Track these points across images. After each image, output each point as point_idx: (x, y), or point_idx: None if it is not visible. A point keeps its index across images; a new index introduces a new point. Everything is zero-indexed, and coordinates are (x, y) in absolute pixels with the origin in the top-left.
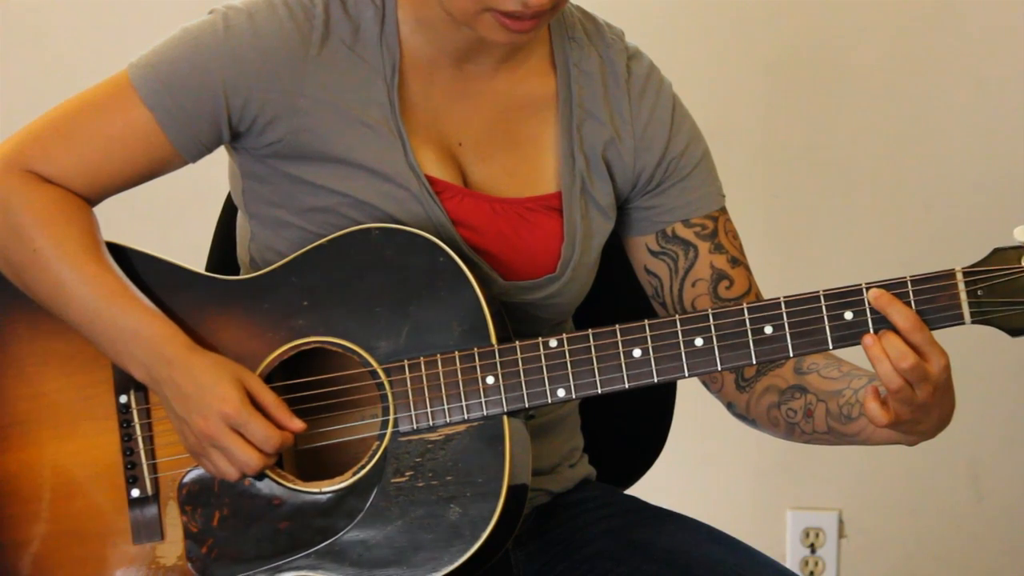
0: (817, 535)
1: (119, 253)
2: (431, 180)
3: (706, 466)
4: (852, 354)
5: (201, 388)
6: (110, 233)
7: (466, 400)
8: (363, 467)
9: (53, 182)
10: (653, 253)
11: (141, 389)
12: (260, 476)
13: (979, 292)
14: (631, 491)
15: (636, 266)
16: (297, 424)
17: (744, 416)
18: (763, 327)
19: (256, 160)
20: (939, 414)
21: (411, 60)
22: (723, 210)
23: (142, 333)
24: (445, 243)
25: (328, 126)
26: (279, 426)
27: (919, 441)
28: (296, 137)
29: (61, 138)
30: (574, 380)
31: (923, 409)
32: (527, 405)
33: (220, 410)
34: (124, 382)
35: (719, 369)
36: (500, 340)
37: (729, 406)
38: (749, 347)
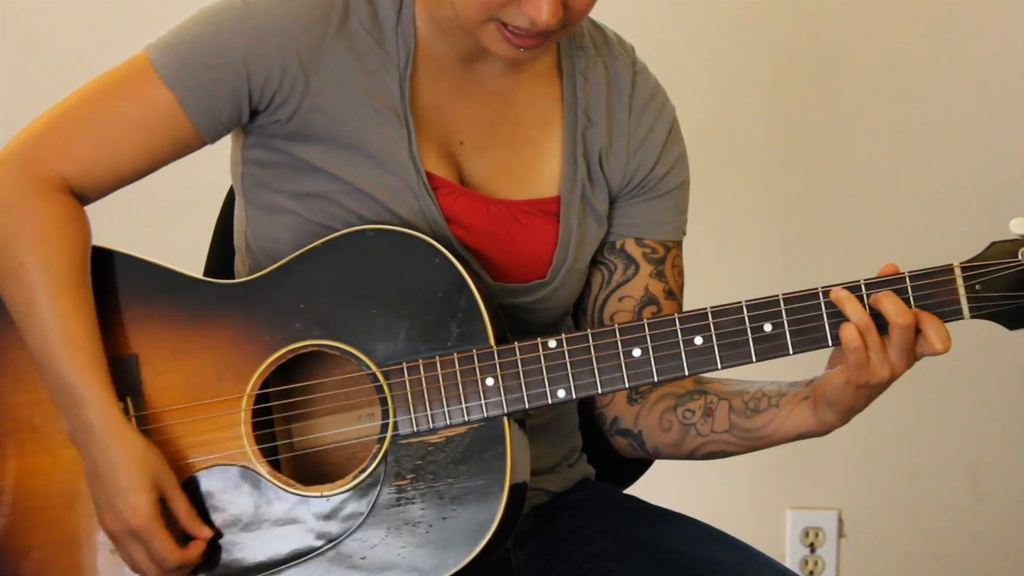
0: (817, 535)
1: (112, 259)
2: (429, 175)
3: (706, 466)
4: None
5: (115, 488)
6: (108, 235)
7: (466, 402)
8: (364, 470)
9: (72, 176)
10: (593, 261)
11: (138, 395)
12: (283, 478)
13: (977, 286)
14: (631, 491)
15: None
16: (205, 531)
17: (629, 431)
18: (762, 325)
19: (261, 141)
20: (861, 407)
21: (423, 54)
22: (678, 244)
23: (74, 391)
24: (437, 240)
25: (339, 106)
26: (189, 533)
27: (829, 431)
28: (307, 116)
29: (81, 128)
30: (574, 380)
31: (865, 390)
32: (527, 406)
33: (127, 521)
34: (120, 389)
35: (719, 368)
36: (498, 341)
37: (613, 422)
38: (749, 345)
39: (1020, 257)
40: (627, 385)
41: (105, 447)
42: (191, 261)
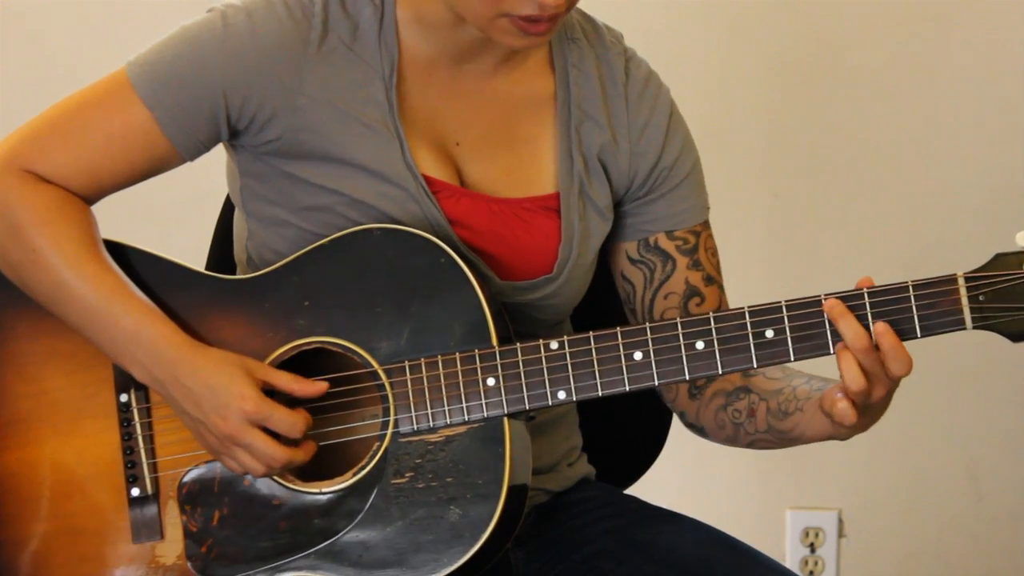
0: (817, 535)
1: (119, 252)
2: (428, 180)
3: (706, 466)
4: None
5: (214, 389)
6: (110, 232)
7: (467, 401)
8: (363, 468)
9: (52, 181)
10: (632, 260)
11: (142, 388)
12: (282, 474)
13: (981, 297)
14: (631, 491)
15: (612, 270)
16: (319, 386)
17: (694, 424)
18: (764, 331)
19: (254, 158)
20: (879, 414)
21: (409, 59)
22: (706, 224)
23: (142, 333)
24: (442, 242)
25: (326, 125)
26: (301, 395)
27: (852, 435)
28: (294, 135)
29: (60, 137)
30: (575, 382)
31: (871, 410)
32: (528, 407)
33: (240, 408)
34: (125, 381)
35: (720, 373)
36: (501, 341)
37: (681, 416)
38: (750, 351)
39: None
40: (627, 388)
41: (191, 367)
42: (191, 261)
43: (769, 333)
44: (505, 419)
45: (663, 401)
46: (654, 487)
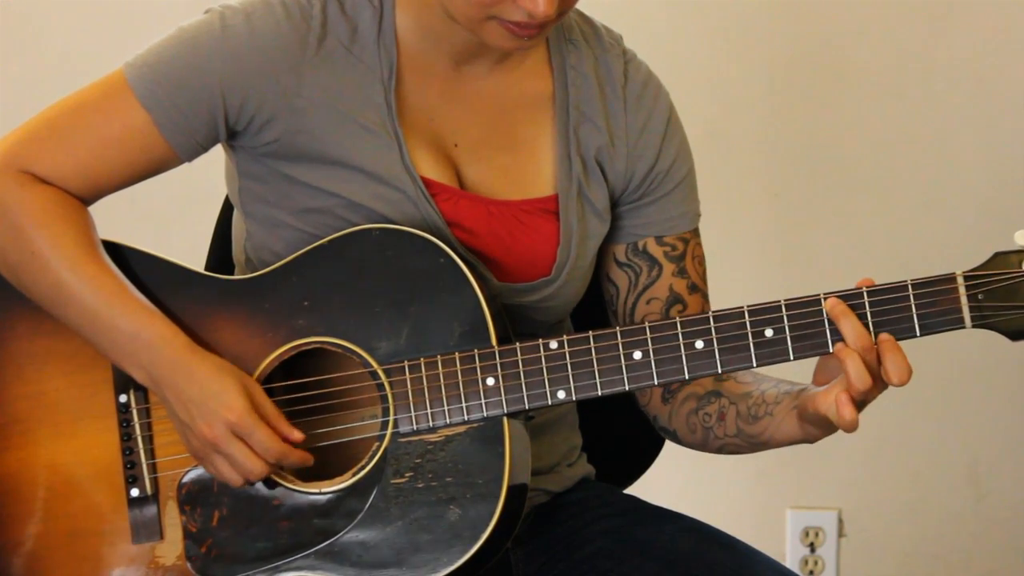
0: (817, 534)
1: (118, 252)
2: (427, 182)
3: (706, 466)
4: None
5: (206, 394)
6: (110, 232)
7: (466, 401)
8: (363, 468)
9: (49, 182)
10: (618, 263)
11: (141, 389)
12: (265, 482)
13: (980, 296)
14: (631, 491)
15: (598, 270)
16: (296, 435)
17: (666, 428)
18: (763, 330)
19: (253, 159)
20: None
21: (408, 61)
22: (695, 231)
23: (142, 335)
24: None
25: (325, 127)
26: (277, 431)
27: (816, 440)
28: (293, 137)
29: (58, 138)
30: (574, 382)
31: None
32: (527, 407)
33: (225, 418)
34: (124, 381)
35: (719, 372)
36: (500, 341)
37: (654, 420)
38: (750, 350)
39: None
40: (627, 388)
41: (189, 371)
42: (191, 261)
43: (768, 332)
44: (504, 419)
45: (638, 405)
46: (654, 487)
